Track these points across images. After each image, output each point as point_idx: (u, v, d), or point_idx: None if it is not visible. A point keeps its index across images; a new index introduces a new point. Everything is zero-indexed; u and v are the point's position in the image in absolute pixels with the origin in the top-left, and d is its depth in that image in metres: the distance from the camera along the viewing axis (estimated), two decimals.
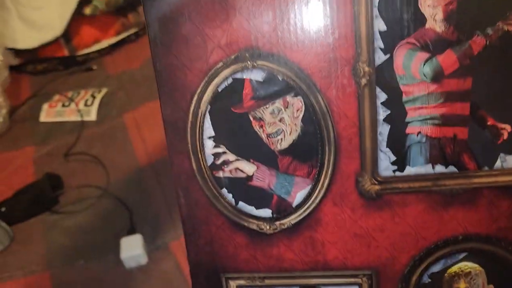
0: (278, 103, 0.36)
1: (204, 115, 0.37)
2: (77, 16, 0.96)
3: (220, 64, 0.35)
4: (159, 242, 0.72)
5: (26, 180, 0.81)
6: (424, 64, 0.34)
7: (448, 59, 0.34)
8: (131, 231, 0.73)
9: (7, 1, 0.95)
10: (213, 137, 0.37)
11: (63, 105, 0.90)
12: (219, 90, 0.36)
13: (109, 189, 0.80)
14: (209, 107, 0.37)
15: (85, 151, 0.84)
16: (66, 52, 0.99)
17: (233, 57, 0.35)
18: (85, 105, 0.89)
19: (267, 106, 0.36)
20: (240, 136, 0.37)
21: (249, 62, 0.35)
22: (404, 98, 0.35)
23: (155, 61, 0.36)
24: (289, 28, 0.34)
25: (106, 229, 0.77)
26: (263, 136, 0.37)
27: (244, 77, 0.36)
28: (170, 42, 0.35)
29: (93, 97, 0.90)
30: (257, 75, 0.35)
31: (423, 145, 0.36)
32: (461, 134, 0.35)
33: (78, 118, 0.88)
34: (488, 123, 0.35)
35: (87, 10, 0.96)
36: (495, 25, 0.33)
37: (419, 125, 0.35)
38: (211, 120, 0.37)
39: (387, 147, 0.36)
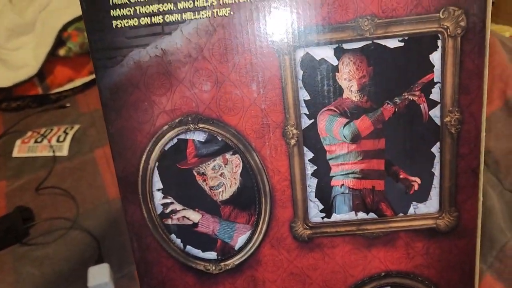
0: (219, 160, 0.38)
1: (153, 170, 0.38)
2: (52, 57, 0.96)
3: (166, 127, 0.37)
4: (125, 271, 0.72)
5: None
6: (344, 128, 0.36)
7: (364, 124, 0.36)
8: (99, 261, 0.72)
9: None
10: (161, 189, 0.39)
11: (36, 141, 0.89)
12: (166, 149, 0.38)
13: (79, 221, 0.79)
14: (157, 163, 0.38)
15: (56, 185, 0.83)
16: (40, 91, 0.98)
17: (177, 120, 0.37)
18: (58, 141, 0.89)
19: (209, 163, 0.38)
20: (185, 188, 0.39)
21: (191, 125, 0.37)
22: (328, 156, 0.37)
23: (107, 124, 0.37)
24: (226, 96, 0.36)
25: (75, 259, 0.76)
26: (206, 188, 0.39)
27: (188, 138, 0.37)
28: (121, 107, 0.36)
29: (66, 133, 0.90)
30: (199, 136, 0.37)
31: (346, 196, 0.38)
32: (378, 186, 0.38)
33: (50, 154, 0.87)
34: (401, 176, 0.38)
35: (62, 52, 0.95)
36: (401, 95, 0.35)
37: (342, 178, 0.38)
38: (159, 174, 0.38)
39: (315, 197, 0.38)
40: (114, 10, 0.34)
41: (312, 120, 0.36)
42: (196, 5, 0.34)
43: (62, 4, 0.95)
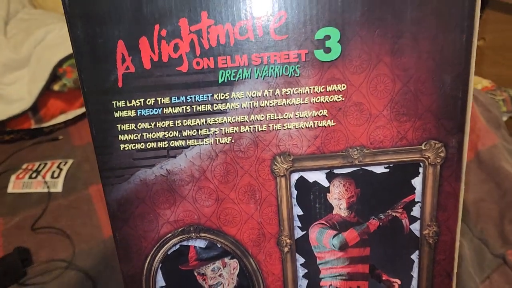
0: (218, 263, 0.40)
1: (157, 270, 0.40)
2: (46, 91, 0.95)
3: (169, 235, 0.39)
4: None
5: None
6: (333, 238, 0.39)
7: (351, 235, 0.39)
8: None
9: None
10: (164, 287, 0.41)
11: (30, 177, 0.89)
12: (169, 253, 0.39)
13: (75, 261, 0.80)
14: (160, 265, 0.40)
15: (52, 223, 0.84)
16: (33, 123, 0.98)
17: (180, 230, 0.39)
18: (52, 177, 0.89)
19: (209, 265, 0.40)
20: (186, 286, 0.41)
21: (193, 234, 0.39)
22: (318, 261, 0.40)
23: (114, 231, 0.39)
24: (226, 211, 0.38)
25: None
26: (206, 286, 0.41)
27: (189, 244, 0.39)
28: (127, 218, 0.38)
29: (60, 169, 0.90)
30: (200, 243, 0.39)
31: None
32: (363, 286, 0.41)
33: (45, 190, 0.88)
34: (383, 278, 0.40)
35: (56, 87, 0.95)
36: (386, 212, 0.38)
37: (330, 280, 0.40)
38: (162, 274, 0.40)
39: None
40: (122, 135, 0.36)
41: (304, 232, 0.39)
42: (199, 133, 0.36)
43: (57, 40, 0.95)
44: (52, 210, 0.87)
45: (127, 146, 0.36)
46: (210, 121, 0.35)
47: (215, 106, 0.35)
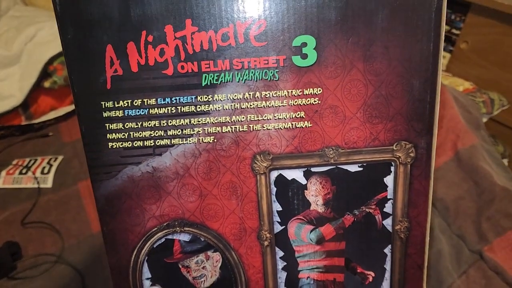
0: (201, 256, 0.42)
1: (143, 263, 0.42)
2: (36, 88, 0.96)
3: (155, 228, 0.41)
4: None
5: None
6: (310, 233, 0.41)
7: (327, 230, 0.41)
8: None
9: None
10: (150, 278, 0.43)
11: (21, 173, 0.91)
12: (155, 246, 0.42)
13: (63, 255, 0.82)
14: (146, 257, 0.42)
15: (41, 218, 0.85)
16: (23, 119, 0.99)
17: (165, 224, 0.41)
18: (42, 173, 0.90)
19: (193, 258, 0.42)
20: (171, 277, 0.43)
21: (178, 228, 0.41)
22: (297, 254, 0.42)
23: (102, 225, 0.41)
24: (209, 206, 0.40)
25: None
26: (190, 278, 0.43)
27: (174, 238, 0.41)
28: (115, 212, 0.40)
29: (50, 165, 0.92)
30: (184, 237, 0.41)
31: (312, 285, 0.43)
32: (339, 278, 0.43)
33: (35, 185, 0.89)
34: (358, 270, 0.43)
35: (46, 84, 0.96)
36: (360, 208, 0.41)
37: (308, 272, 0.43)
38: (148, 266, 0.42)
39: (285, 286, 0.43)
40: (110, 134, 0.38)
41: (283, 227, 0.41)
42: (184, 133, 0.38)
43: (48, 38, 0.96)
44: (42, 205, 0.89)
45: (115, 144, 0.38)
46: (194, 122, 0.37)
47: (199, 108, 0.37)
